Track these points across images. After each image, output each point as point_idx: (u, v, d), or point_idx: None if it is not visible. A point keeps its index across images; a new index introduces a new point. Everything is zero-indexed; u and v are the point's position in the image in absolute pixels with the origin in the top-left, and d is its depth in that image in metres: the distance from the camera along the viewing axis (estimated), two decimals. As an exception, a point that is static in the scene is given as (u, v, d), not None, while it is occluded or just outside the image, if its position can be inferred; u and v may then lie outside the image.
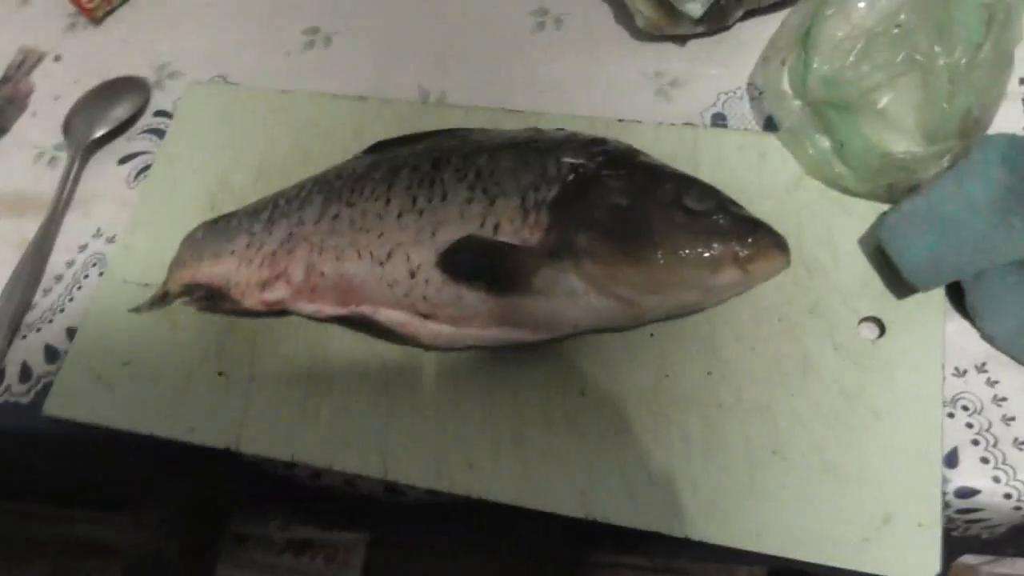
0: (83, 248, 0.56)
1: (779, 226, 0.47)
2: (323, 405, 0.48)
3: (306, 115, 0.57)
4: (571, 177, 0.43)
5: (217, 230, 0.51)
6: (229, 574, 1.28)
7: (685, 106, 0.53)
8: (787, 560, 0.41)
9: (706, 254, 0.40)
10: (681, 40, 0.55)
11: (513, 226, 0.43)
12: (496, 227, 0.43)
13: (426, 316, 0.44)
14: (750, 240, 0.40)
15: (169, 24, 0.65)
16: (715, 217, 0.41)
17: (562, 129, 0.48)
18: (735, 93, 0.53)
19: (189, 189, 0.56)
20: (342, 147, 0.55)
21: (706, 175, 0.49)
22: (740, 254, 0.40)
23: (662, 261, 0.40)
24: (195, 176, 0.56)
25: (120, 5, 0.67)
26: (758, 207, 0.47)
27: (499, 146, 0.46)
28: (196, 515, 1.32)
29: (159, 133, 0.60)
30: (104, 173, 0.59)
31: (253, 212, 0.50)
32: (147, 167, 0.58)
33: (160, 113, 0.61)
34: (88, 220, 0.57)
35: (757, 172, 0.49)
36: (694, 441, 0.43)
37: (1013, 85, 0.50)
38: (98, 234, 0.56)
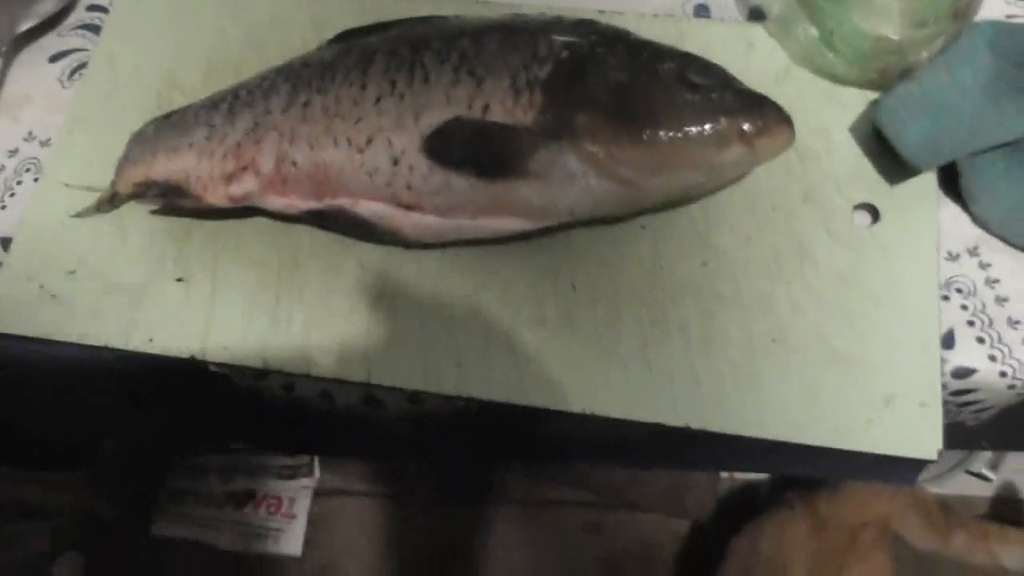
0: (13, 153, 0.51)
1: None
2: (296, 310, 0.44)
3: (258, 8, 0.53)
4: (565, 55, 0.40)
5: (171, 124, 0.46)
6: (167, 531, 1.23)
7: (666, -2, 0.51)
8: (789, 446, 0.40)
9: (712, 131, 0.38)
10: (659, -69, 0.53)
11: (504, 107, 0.40)
12: (486, 109, 0.40)
13: (410, 207, 0.42)
14: (756, 115, 0.39)
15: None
16: (720, 93, 0.39)
17: (555, 15, 0.46)
18: (721, -16, 0.51)
19: (132, 88, 0.51)
20: (301, 41, 0.51)
21: (692, 67, 0.48)
22: (747, 130, 0.38)
23: (667, 139, 0.38)
24: (138, 73, 0.52)
25: None
26: None
27: (482, 28, 0.43)
28: (129, 473, 1.26)
29: (94, 29, 0.54)
30: (33, 72, 0.53)
31: (211, 104, 0.46)
32: (82, 65, 0.53)
33: (94, 8, 0.55)
34: (18, 124, 0.52)
35: (744, 63, 0.48)
36: (693, 332, 0.42)
37: (994, -25, 0.50)
38: (30, 137, 0.51)
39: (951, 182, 0.44)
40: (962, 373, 0.41)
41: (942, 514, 0.89)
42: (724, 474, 1.16)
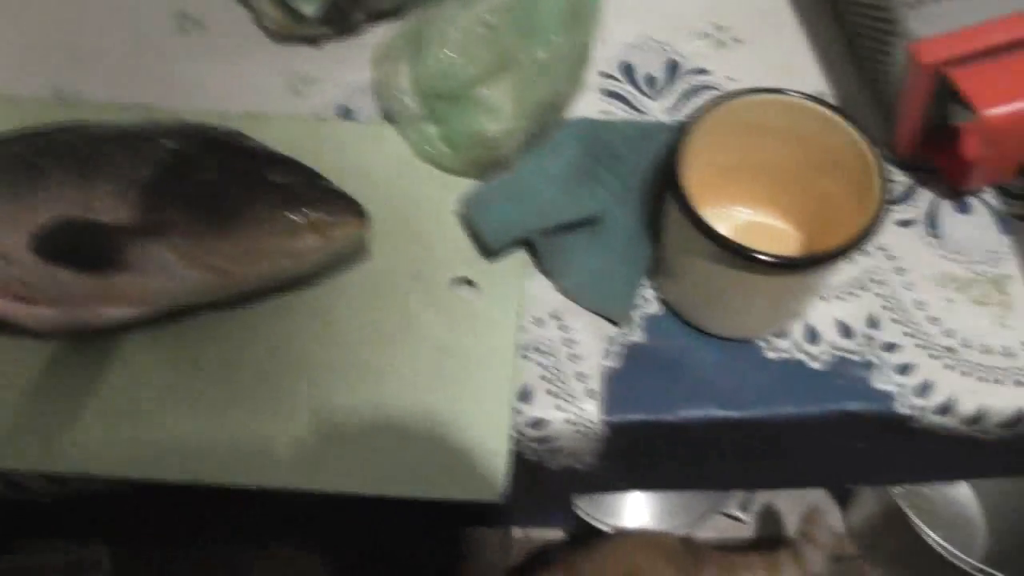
0: None
1: (392, 204, 0.52)
2: (-71, 402, 0.46)
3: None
4: (168, 159, 0.45)
5: None
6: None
7: (315, 101, 0.57)
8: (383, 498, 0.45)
9: (285, 222, 0.43)
10: (314, 42, 0.59)
11: (107, 207, 0.44)
12: (92, 209, 0.44)
13: (27, 300, 0.45)
14: (326, 208, 0.44)
15: None
16: (296, 189, 0.44)
17: (182, 120, 0.50)
18: (361, 89, 0.57)
19: None
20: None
21: (329, 162, 0.53)
22: (317, 221, 0.44)
23: (245, 231, 0.43)
24: None
25: None
26: (376, 188, 0.53)
27: (106, 134, 0.47)
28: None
29: None
30: None
31: None
32: None
33: None
34: None
35: (375, 158, 0.54)
36: (301, 403, 0.46)
37: (594, 77, 0.58)
38: None
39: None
40: (536, 423, 0.47)
41: (689, 555, 0.95)
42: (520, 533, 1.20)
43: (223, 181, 0.44)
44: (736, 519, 1.07)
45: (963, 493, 1.30)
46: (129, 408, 0.46)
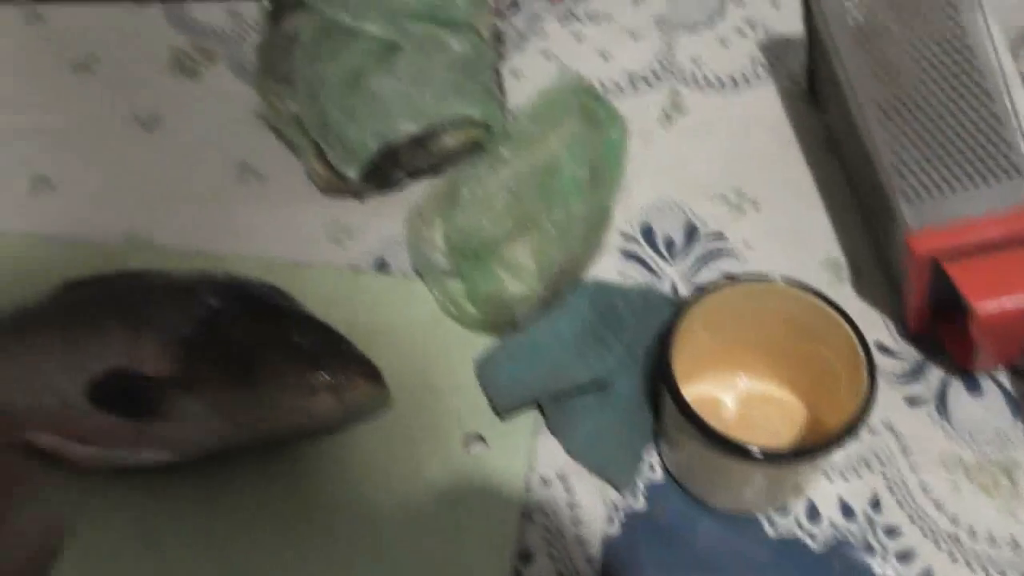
0: None
1: (415, 358, 0.56)
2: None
3: (12, 256, 0.62)
4: (207, 317, 0.50)
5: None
6: None
7: (354, 252, 0.61)
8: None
9: (303, 384, 0.47)
10: (360, 196, 0.64)
11: (152, 359, 0.49)
12: (139, 360, 0.49)
13: (80, 440, 0.49)
14: (343, 372, 0.48)
15: None
16: (317, 352, 0.48)
17: (228, 273, 0.55)
18: (397, 241, 0.62)
19: None
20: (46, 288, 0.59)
21: (362, 313, 0.58)
22: (333, 384, 0.48)
23: (267, 390, 0.47)
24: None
25: None
26: (401, 342, 0.56)
27: (158, 286, 0.53)
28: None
29: None
30: None
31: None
32: None
33: None
34: None
35: (404, 311, 0.58)
36: (312, 545, 0.49)
37: (614, 237, 0.61)
38: None
39: (551, 416, 0.53)
40: (535, 586, 0.48)
41: None
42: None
43: (252, 341, 0.48)
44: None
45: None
46: (145, 542, 0.50)
